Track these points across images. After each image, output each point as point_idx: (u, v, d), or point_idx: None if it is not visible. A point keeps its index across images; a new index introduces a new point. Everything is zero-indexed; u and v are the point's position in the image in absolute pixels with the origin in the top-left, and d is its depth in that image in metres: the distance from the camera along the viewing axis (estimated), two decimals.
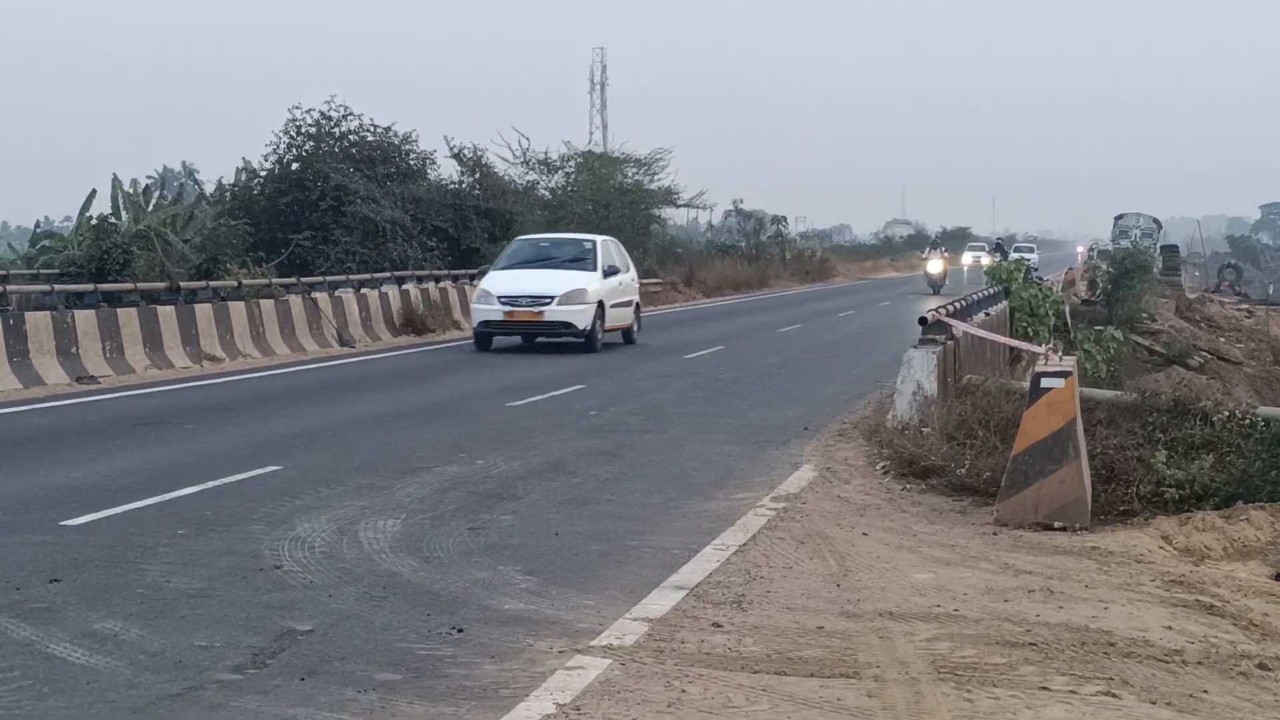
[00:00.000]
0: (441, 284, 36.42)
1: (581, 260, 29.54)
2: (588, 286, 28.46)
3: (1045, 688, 7.29)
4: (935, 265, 63.20)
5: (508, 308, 27.97)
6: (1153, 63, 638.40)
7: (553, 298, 27.87)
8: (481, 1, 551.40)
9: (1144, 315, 39.61)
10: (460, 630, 8.30)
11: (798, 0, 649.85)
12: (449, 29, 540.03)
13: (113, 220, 38.34)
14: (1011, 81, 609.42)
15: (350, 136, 42.14)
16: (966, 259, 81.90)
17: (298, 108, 41.85)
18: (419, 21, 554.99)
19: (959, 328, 17.39)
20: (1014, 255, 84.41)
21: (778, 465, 14.57)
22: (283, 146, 41.60)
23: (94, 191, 41.77)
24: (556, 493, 12.88)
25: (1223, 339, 43.66)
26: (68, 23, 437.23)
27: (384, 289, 33.31)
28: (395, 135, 43.08)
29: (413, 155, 43.50)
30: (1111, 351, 24.65)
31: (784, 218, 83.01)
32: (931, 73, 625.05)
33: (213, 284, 28.39)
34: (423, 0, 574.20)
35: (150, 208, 42.53)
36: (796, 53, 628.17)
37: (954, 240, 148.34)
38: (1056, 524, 11.43)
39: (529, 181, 56.07)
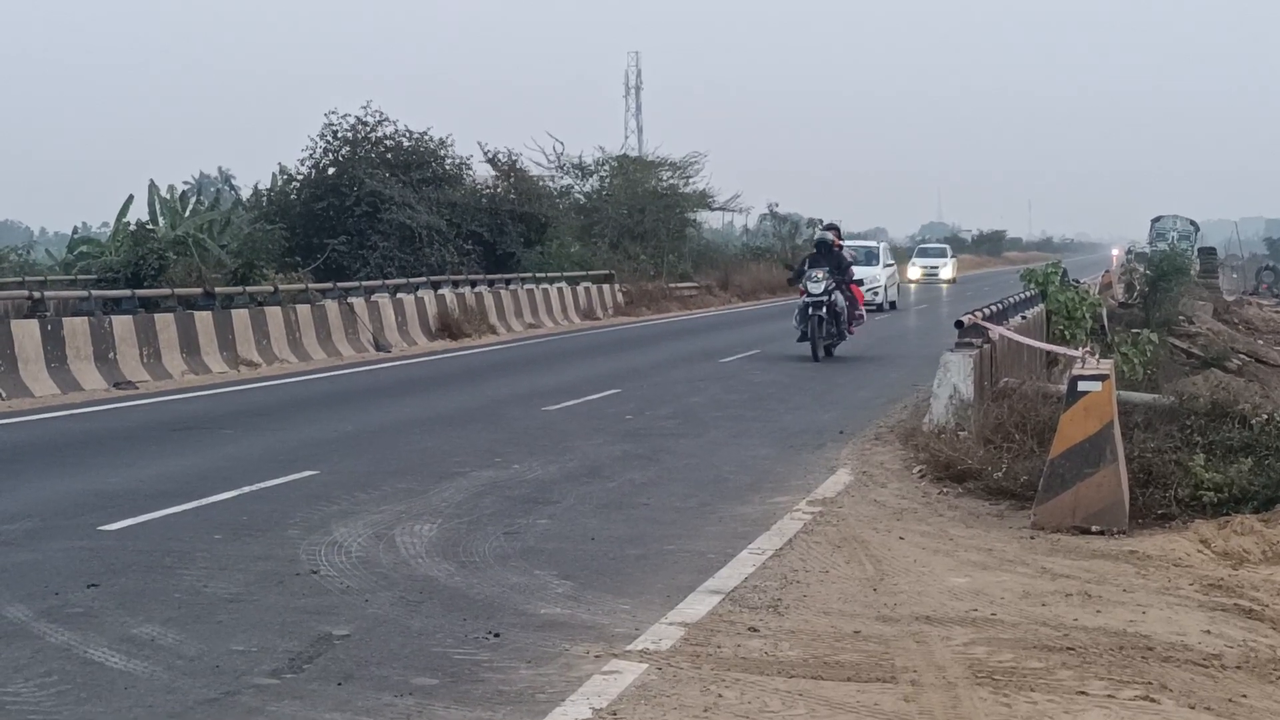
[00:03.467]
0: (477, 289, 36.49)
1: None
2: None
3: (1083, 692, 7.26)
4: None
5: None
6: (1190, 64, 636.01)
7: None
8: (516, 7, 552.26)
9: (1181, 318, 39.43)
10: (496, 635, 8.30)
11: (833, 2, 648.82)
12: (483, 34, 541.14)
13: (150, 226, 38.54)
14: (1049, 83, 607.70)
15: (386, 142, 42.26)
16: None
17: (333, 113, 42.02)
18: (453, 27, 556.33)
19: (995, 331, 17.34)
20: (918, 263, 75.95)
21: (813, 469, 14.54)
22: (319, 151, 41.76)
23: (131, 197, 42.01)
24: (592, 497, 12.88)
25: (1261, 341, 43.42)
26: (104, 30, 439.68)
27: (420, 294, 33.39)
28: (430, 140, 43.19)
29: (449, 160, 43.61)
30: (1148, 354, 24.52)
31: (820, 220, 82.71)
32: (969, 75, 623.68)
33: (249, 289, 28.50)
34: (457, 6, 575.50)
35: (187, 213, 42.72)
36: (833, 56, 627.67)
37: (990, 243, 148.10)
38: (1094, 527, 11.38)
39: (564, 186, 56.25)
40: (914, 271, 76.02)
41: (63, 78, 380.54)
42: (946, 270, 77.89)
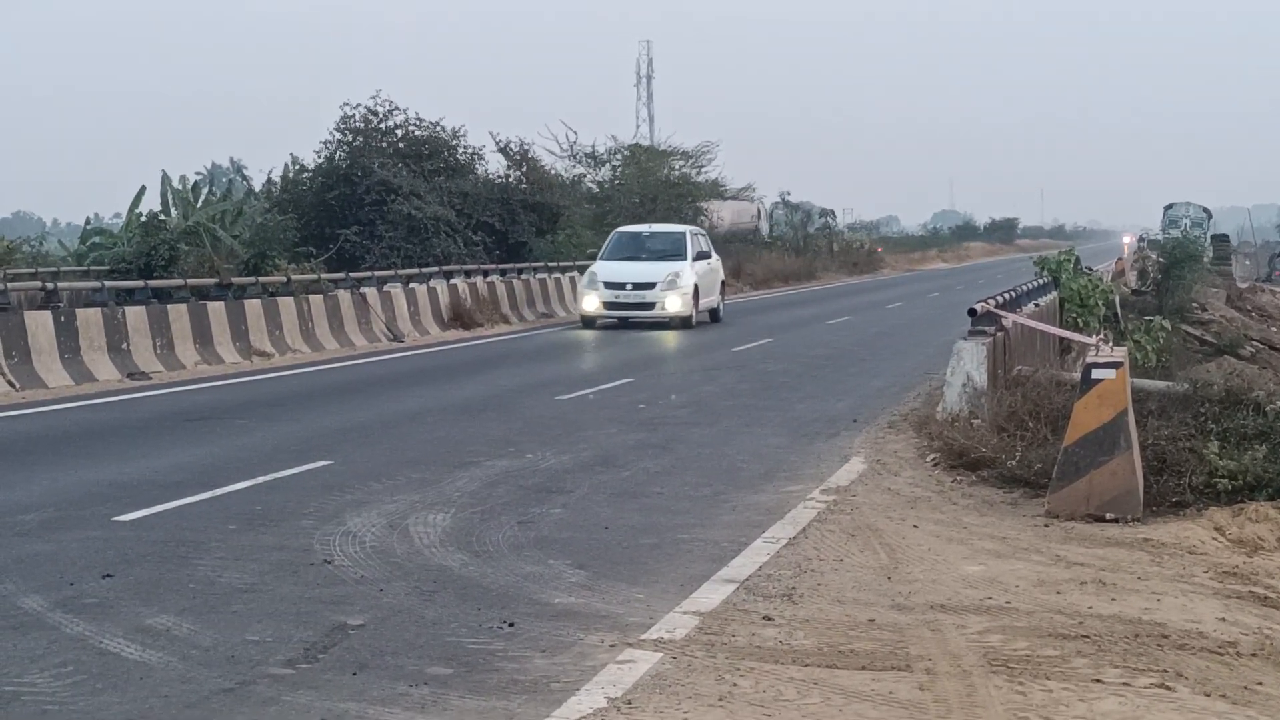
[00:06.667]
0: (490, 278, 36.49)
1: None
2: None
3: (1098, 680, 7.25)
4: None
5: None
6: (1203, 51, 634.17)
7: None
8: None
9: (1194, 305, 39.29)
10: (511, 624, 8.31)
11: None
12: (495, 23, 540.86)
13: (162, 217, 38.63)
14: (1061, 71, 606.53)
15: (397, 132, 42.23)
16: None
17: (348, 104, 42.03)
18: (466, 17, 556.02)
19: (1009, 319, 17.31)
20: (601, 277, 33.53)
21: (827, 458, 14.53)
22: (334, 143, 41.79)
23: (143, 188, 42.10)
24: (606, 486, 12.88)
25: (1274, 329, 43.26)
26: (117, 21, 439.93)
27: (432, 284, 33.40)
28: (444, 130, 43.16)
29: (461, 150, 43.58)
30: (1162, 342, 24.43)
31: (831, 210, 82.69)
32: (979, 63, 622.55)
33: (262, 280, 28.53)
34: None
35: (199, 204, 42.83)
36: (843, 43, 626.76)
37: (1002, 231, 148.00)
38: (1108, 515, 11.37)
39: (576, 175, 56.24)
40: (589, 301, 33.93)
41: (74, 69, 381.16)
42: (674, 298, 33.33)
